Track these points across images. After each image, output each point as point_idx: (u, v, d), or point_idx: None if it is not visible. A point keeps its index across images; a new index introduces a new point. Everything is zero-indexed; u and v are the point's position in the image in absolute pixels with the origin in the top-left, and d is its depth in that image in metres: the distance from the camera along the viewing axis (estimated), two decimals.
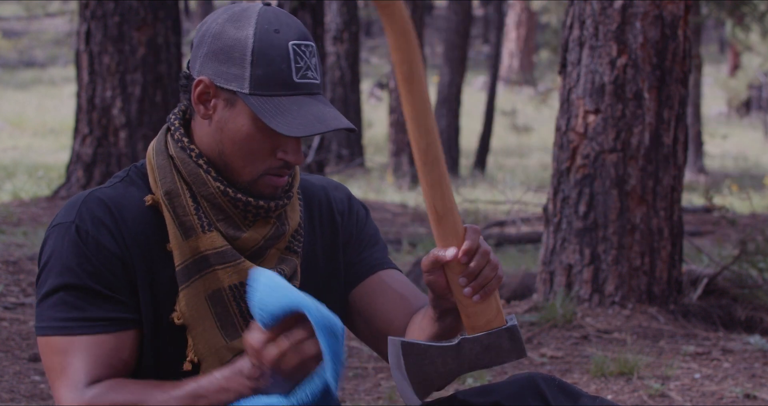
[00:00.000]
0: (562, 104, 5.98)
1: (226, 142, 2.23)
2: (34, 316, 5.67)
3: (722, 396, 4.69)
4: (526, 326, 5.72)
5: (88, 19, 9.84)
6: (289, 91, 2.18)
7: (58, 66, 30.11)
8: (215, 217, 2.25)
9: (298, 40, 2.19)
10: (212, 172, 2.24)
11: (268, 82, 2.17)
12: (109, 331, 2.20)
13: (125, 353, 2.22)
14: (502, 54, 28.53)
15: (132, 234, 2.23)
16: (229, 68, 2.18)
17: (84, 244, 2.20)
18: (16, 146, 18.70)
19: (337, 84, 16.80)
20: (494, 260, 2.21)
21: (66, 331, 2.19)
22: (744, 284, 6.08)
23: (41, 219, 9.14)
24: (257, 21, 2.19)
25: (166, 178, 2.25)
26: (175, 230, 2.24)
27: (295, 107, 2.17)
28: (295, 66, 2.18)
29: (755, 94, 28.95)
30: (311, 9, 10.42)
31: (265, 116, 2.16)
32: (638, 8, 5.80)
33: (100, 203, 2.24)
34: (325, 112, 2.19)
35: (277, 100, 2.17)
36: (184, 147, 2.25)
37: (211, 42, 2.20)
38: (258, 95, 2.17)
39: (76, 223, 2.21)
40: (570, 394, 2.32)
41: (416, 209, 12.01)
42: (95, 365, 2.18)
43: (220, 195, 2.24)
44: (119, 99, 9.81)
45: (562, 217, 5.92)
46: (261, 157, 2.22)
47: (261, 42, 2.17)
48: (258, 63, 2.17)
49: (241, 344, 2.27)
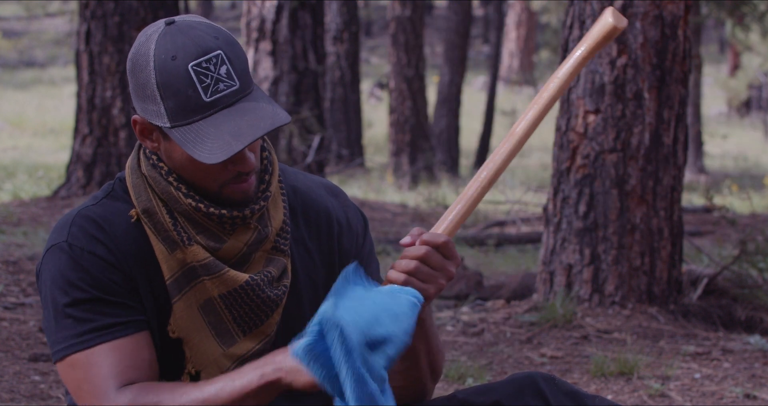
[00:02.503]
0: (562, 104, 5.98)
1: (179, 168, 2.23)
2: (34, 316, 5.67)
3: (722, 396, 4.69)
4: (526, 326, 5.72)
5: (88, 19, 9.84)
6: (205, 113, 2.16)
7: (58, 66, 30.11)
8: (194, 230, 2.25)
9: (197, 58, 2.15)
10: (183, 188, 2.24)
11: (183, 111, 2.15)
12: (126, 334, 2.19)
13: (146, 353, 2.21)
14: (502, 54, 28.53)
15: (125, 247, 2.24)
16: (149, 106, 2.19)
17: (80, 259, 2.21)
18: (16, 146, 18.70)
19: (337, 84, 16.79)
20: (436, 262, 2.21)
21: (82, 345, 2.18)
22: (744, 284, 6.08)
23: (41, 219, 9.14)
24: (155, 53, 2.16)
25: (141, 196, 2.26)
26: (159, 244, 2.24)
27: (212, 129, 2.15)
28: (201, 87, 2.15)
29: (755, 94, 28.95)
30: (311, 9, 10.42)
31: (187, 147, 2.15)
32: (638, 8, 5.80)
33: (89, 220, 2.24)
34: (242, 123, 2.15)
35: (196, 126, 2.16)
36: (154, 165, 2.26)
37: (130, 79, 2.21)
38: (179, 126, 2.16)
39: (69, 241, 2.22)
40: (570, 394, 2.32)
41: (416, 208, 12.00)
42: (120, 369, 2.17)
43: (193, 211, 2.24)
44: (119, 99, 9.82)
45: (562, 217, 5.92)
46: (213, 174, 2.21)
47: (162, 75, 2.15)
48: (166, 96, 2.15)
49: (238, 349, 2.28)
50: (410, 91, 16.18)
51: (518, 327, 5.72)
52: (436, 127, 17.57)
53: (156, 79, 2.15)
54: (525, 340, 5.51)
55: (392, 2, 16.35)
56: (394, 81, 16.32)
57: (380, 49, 33.98)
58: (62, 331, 2.19)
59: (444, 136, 17.54)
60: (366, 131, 18.93)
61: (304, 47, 10.41)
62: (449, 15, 17.88)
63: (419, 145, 16.22)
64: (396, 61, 16.25)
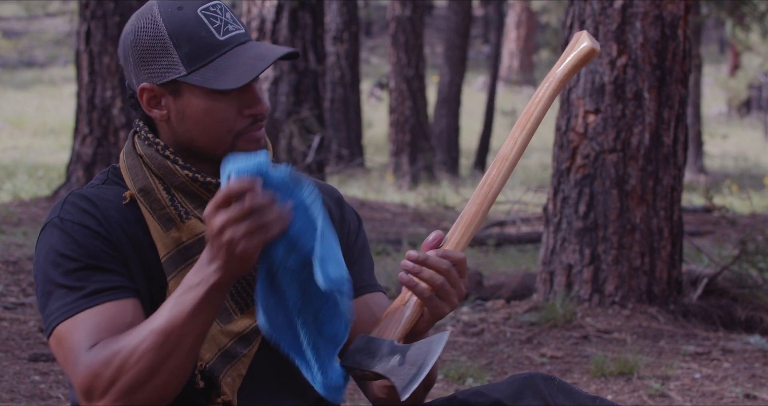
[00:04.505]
0: (562, 104, 5.99)
1: (193, 128, 2.24)
2: (34, 316, 5.67)
3: (722, 396, 4.69)
4: (526, 326, 5.72)
5: (88, 19, 9.85)
6: (221, 51, 2.21)
7: (58, 66, 30.12)
8: (191, 205, 2.26)
9: (204, 4, 2.22)
10: (179, 161, 2.25)
11: (199, 54, 2.20)
12: (110, 299, 2.17)
13: (130, 317, 2.18)
14: (502, 54, 28.54)
15: (117, 224, 2.24)
16: (160, 62, 2.22)
17: (71, 231, 2.21)
18: (16, 146, 18.70)
19: (337, 84, 16.79)
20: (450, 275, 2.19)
21: (68, 313, 2.16)
22: (744, 284, 6.08)
23: (41, 219, 9.14)
24: (159, 10, 2.23)
25: (138, 175, 2.27)
26: (154, 223, 2.25)
27: (233, 61, 2.20)
28: (213, 27, 2.21)
29: (755, 94, 28.95)
30: (311, 9, 10.42)
31: (210, 84, 2.19)
32: (638, 8, 5.80)
33: (82, 197, 2.25)
34: (262, 49, 2.22)
35: (215, 64, 2.20)
36: (150, 143, 2.28)
37: (132, 53, 2.24)
38: (196, 70, 2.20)
39: (60, 216, 2.23)
40: (570, 394, 2.32)
41: (416, 208, 12.00)
42: (97, 331, 2.14)
43: (190, 182, 2.25)
44: (119, 99, 9.82)
45: (562, 217, 5.92)
46: (230, 123, 2.23)
47: (172, 24, 2.21)
48: (179, 43, 2.20)
49: (235, 327, 2.28)
50: (410, 91, 16.18)
51: (518, 327, 5.72)
52: (436, 127, 17.57)
53: (167, 30, 2.20)
54: (525, 340, 5.51)
55: (392, 2, 16.35)
56: (394, 81, 16.32)
57: (380, 49, 33.98)
58: (54, 302, 2.18)
59: (444, 136, 17.54)
60: (366, 131, 18.93)
61: (304, 47, 10.41)
62: (449, 15, 17.88)
63: (419, 145, 16.22)
64: (396, 61, 16.25)
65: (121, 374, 2.09)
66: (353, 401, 4.58)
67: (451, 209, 12.03)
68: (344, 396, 2.72)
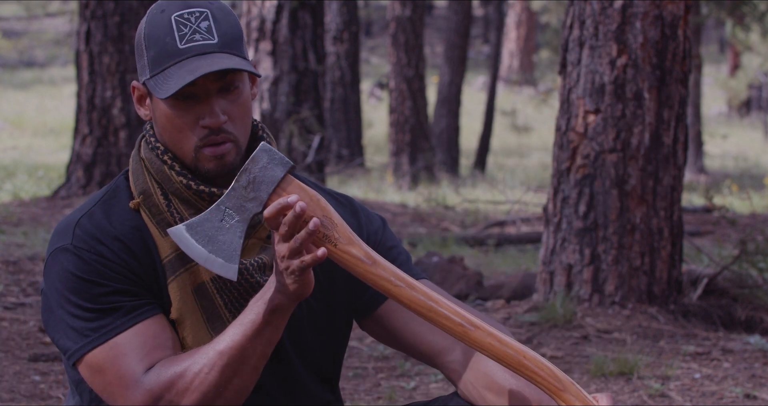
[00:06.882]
0: (562, 104, 5.98)
1: (163, 132, 2.26)
2: (34, 316, 5.67)
3: (722, 396, 4.69)
4: (526, 326, 5.73)
5: (88, 19, 9.85)
6: (177, 59, 2.21)
7: (58, 66, 30.11)
8: (187, 211, 2.26)
9: (181, 11, 2.21)
10: (176, 166, 2.26)
11: (160, 59, 2.21)
12: (145, 317, 2.20)
13: (168, 332, 2.21)
14: (502, 54, 28.53)
15: (127, 241, 2.25)
16: (140, 63, 2.26)
17: (88, 260, 2.21)
18: (16, 146, 18.69)
19: (337, 84, 16.79)
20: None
21: (103, 338, 2.17)
22: (744, 284, 6.08)
23: (41, 219, 9.14)
24: (150, 11, 2.25)
25: (139, 179, 2.29)
26: (154, 228, 2.26)
27: (176, 70, 2.20)
28: (178, 35, 2.20)
29: (755, 94, 28.94)
30: (311, 9, 10.42)
31: (155, 90, 2.20)
32: (638, 8, 5.80)
33: (91, 224, 2.25)
34: (203, 63, 2.19)
35: (167, 72, 2.21)
36: (153, 147, 2.29)
37: (136, 50, 2.27)
38: (156, 75, 2.22)
39: (74, 243, 2.23)
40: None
41: (416, 208, 12.00)
42: (146, 351, 2.16)
43: (184, 189, 2.26)
44: (119, 99, 9.82)
45: (562, 217, 5.92)
46: (187, 131, 2.23)
47: (149, 27, 2.23)
48: (149, 46, 2.22)
49: None
50: (410, 91, 16.17)
51: (518, 327, 5.72)
52: (436, 127, 17.57)
53: (144, 32, 2.23)
54: (525, 340, 5.51)
55: (392, 2, 16.35)
56: (394, 81, 16.31)
57: (380, 49, 33.98)
58: (80, 329, 2.18)
59: (444, 136, 17.53)
60: (366, 131, 18.93)
61: (304, 47, 10.41)
62: (449, 15, 17.88)
63: (419, 145, 16.21)
64: (396, 61, 16.25)
65: (185, 396, 2.12)
66: (353, 401, 4.58)
67: (451, 209, 12.02)
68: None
